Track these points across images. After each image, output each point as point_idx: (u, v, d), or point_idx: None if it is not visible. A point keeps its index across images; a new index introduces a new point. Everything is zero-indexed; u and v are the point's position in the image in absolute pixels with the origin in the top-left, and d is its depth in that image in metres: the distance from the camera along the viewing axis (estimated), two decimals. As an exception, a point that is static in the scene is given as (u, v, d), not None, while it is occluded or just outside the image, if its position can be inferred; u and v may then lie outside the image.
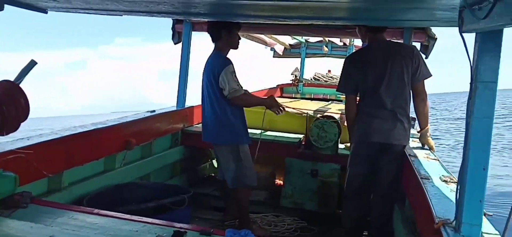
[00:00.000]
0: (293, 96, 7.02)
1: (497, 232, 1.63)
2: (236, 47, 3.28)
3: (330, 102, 5.86)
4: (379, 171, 2.97)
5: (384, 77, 2.88)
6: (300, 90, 7.09)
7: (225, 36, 3.18)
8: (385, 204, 2.99)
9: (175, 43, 4.20)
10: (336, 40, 6.54)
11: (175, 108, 4.21)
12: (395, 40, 3.71)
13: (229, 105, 3.14)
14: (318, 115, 4.04)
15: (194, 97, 4.23)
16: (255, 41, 5.90)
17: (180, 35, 4.18)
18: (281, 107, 3.33)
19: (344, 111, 3.25)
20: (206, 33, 3.29)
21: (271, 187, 4.19)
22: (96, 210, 2.07)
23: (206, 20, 3.69)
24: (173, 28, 4.20)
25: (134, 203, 2.79)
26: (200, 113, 3.80)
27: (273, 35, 5.72)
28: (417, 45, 3.69)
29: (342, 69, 3.14)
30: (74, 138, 2.84)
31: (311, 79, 7.47)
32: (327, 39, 6.43)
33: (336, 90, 3.33)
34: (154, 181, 3.71)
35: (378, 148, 2.93)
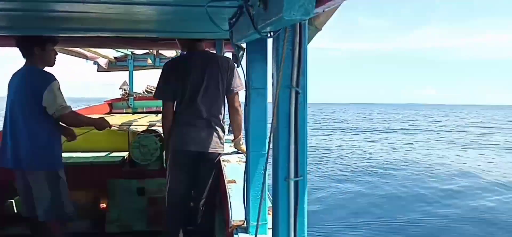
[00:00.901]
0: (124, 111, 6.69)
1: None
2: (52, 64, 2.95)
3: (157, 114, 5.75)
4: (198, 179, 3.00)
5: (201, 86, 2.92)
6: (131, 104, 6.80)
7: (39, 52, 2.83)
8: (206, 211, 3.03)
9: None
10: (165, 52, 6.47)
11: None
12: (212, 51, 3.83)
13: (50, 126, 2.84)
14: (140, 130, 3.89)
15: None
16: (73, 55, 5.39)
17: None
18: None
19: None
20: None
21: (93, 214, 3.85)
22: None
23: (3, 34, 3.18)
24: None
25: None
26: None
27: (92, 48, 5.31)
28: (230, 55, 3.86)
29: (160, 75, 3.07)
30: None
31: (143, 92, 7.25)
32: (154, 51, 6.31)
33: (154, 96, 3.26)
34: None
35: (195, 157, 2.96)
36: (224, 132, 3.11)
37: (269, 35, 0.98)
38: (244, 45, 3.85)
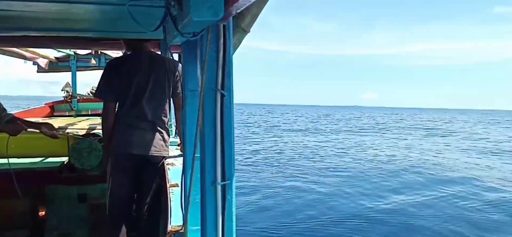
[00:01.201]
0: (67, 114, 6.38)
1: None
2: None
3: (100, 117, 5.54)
4: (141, 184, 2.91)
5: (146, 88, 2.84)
6: (74, 107, 6.48)
7: None
8: (150, 217, 2.94)
9: None
10: (110, 52, 6.24)
11: None
12: (158, 53, 3.73)
13: None
14: (81, 133, 3.71)
15: None
16: (10, 56, 5.06)
17: None
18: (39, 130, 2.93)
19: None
20: None
21: (31, 223, 3.63)
22: None
23: None
24: None
25: None
26: None
27: (29, 48, 5.00)
28: (175, 56, 3.80)
29: (102, 74, 2.93)
30: None
31: (88, 94, 6.95)
32: (92, 51, 6.07)
33: (94, 96, 3.10)
34: None
35: (138, 160, 2.86)
36: (169, 135, 3.04)
37: (192, 36, 0.96)
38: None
